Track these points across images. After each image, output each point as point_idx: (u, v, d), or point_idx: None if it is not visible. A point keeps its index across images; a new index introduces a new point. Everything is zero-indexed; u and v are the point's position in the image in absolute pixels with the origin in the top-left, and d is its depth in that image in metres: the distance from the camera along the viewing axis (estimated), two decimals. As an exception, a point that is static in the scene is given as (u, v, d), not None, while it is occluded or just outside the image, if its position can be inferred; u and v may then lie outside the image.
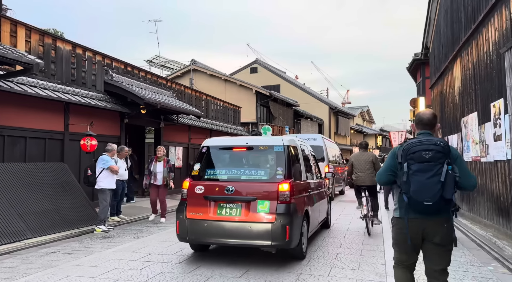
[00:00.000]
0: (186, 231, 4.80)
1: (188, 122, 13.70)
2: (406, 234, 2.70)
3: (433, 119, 2.86)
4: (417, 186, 2.58)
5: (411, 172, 2.63)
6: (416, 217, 2.68)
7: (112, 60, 10.35)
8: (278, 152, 4.94)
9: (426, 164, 2.59)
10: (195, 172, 5.14)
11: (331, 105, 36.47)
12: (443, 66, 11.43)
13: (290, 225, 4.47)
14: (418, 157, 2.62)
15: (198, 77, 24.13)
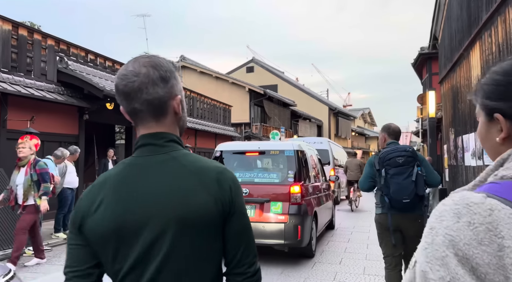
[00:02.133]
0: None
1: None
2: (389, 226, 3.13)
3: (400, 131, 3.47)
4: (396, 187, 3.06)
5: (389, 176, 3.10)
6: (395, 213, 3.13)
7: (69, 46, 8.86)
8: (288, 156, 5.12)
9: (400, 168, 3.09)
10: None
11: (331, 106, 34.95)
12: (456, 56, 9.92)
13: (301, 225, 4.76)
14: (393, 162, 3.11)
15: (188, 75, 22.65)
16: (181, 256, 0.88)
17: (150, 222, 0.87)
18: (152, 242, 0.87)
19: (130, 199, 0.89)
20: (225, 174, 0.95)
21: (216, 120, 17.19)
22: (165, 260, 0.87)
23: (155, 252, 0.87)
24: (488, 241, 0.53)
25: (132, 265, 0.87)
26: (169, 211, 0.87)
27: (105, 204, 0.89)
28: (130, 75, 0.91)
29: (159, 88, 0.92)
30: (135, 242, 0.87)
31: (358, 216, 9.96)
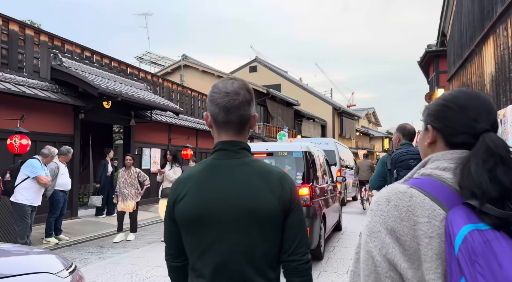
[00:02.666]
0: None
1: (167, 120, 11.83)
2: None
3: (415, 132, 3.43)
4: None
5: (400, 177, 2.86)
6: None
7: (63, 43, 8.53)
8: (297, 157, 5.10)
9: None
10: None
11: (335, 105, 34.49)
12: (467, 52, 9.49)
13: (310, 227, 4.74)
14: (405, 164, 3.11)
15: (190, 74, 22.32)
16: (248, 242, 1.09)
17: (225, 212, 1.10)
18: (226, 228, 1.10)
19: (210, 192, 1.11)
20: (286, 177, 1.16)
21: (218, 120, 16.86)
22: (235, 244, 1.09)
23: (227, 236, 1.10)
24: (407, 218, 0.78)
25: (209, 245, 1.10)
26: (241, 205, 1.09)
27: (189, 195, 1.13)
28: (232, 94, 1.14)
29: (249, 108, 1.17)
30: (212, 226, 1.10)
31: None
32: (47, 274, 2.09)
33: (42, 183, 5.59)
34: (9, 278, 1.88)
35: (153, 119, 10.94)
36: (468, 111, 0.85)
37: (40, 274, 2.06)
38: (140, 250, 6.25)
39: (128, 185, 6.93)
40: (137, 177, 7.10)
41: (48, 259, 2.37)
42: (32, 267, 2.15)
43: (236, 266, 1.09)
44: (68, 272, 2.25)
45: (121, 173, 7.06)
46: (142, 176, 7.24)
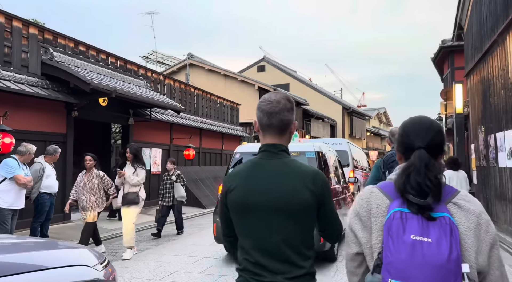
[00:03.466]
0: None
1: (168, 119, 11.34)
2: None
3: None
4: None
5: None
6: None
7: (55, 36, 8.08)
8: (310, 157, 5.11)
9: None
10: None
11: (345, 105, 33.74)
12: (487, 44, 8.78)
13: None
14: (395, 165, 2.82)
15: (196, 73, 21.87)
16: (284, 227, 1.33)
17: (266, 202, 1.35)
18: (266, 215, 1.35)
19: (254, 185, 1.39)
20: (318, 175, 1.40)
21: (223, 119, 16.32)
22: (274, 228, 1.34)
23: (268, 222, 1.35)
24: (366, 205, 1.23)
25: (253, 228, 1.37)
26: (279, 197, 1.34)
27: (238, 187, 1.41)
28: (274, 102, 1.42)
29: (289, 114, 1.43)
30: (256, 213, 1.37)
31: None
32: (85, 267, 2.14)
33: (20, 183, 5.11)
34: (50, 269, 1.92)
35: (153, 118, 10.46)
36: (410, 135, 1.26)
37: (79, 267, 2.11)
38: (129, 261, 5.73)
39: (88, 190, 5.74)
40: (101, 181, 5.88)
41: (84, 253, 2.40)
42: (70, 259, 2.18)
43: (275, 246, 1.32)
44: (102, 266, 2.30)
45: (81, 176, 5.92)
46: (106, 180, 5.95)
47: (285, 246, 1.32)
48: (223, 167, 15.58)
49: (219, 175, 14.66)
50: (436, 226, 1.07)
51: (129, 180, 5.61)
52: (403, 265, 1.05)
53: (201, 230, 8.16)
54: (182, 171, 12.56)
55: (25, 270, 1.84)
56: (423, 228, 1.07)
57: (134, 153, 5.81)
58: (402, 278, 1.04)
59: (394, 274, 1.05)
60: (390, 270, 1.07)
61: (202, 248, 6.26)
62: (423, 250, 1.04)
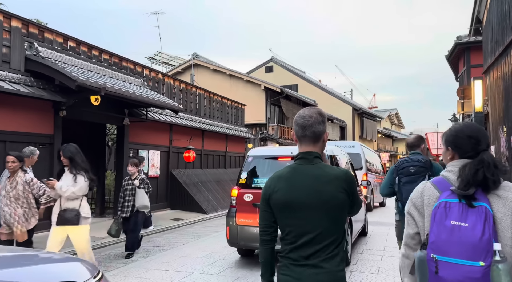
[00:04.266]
0: (237, 237, 5.20)
1: (167, 119, 10.79)
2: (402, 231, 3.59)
3: (416, 142, 3.75)
4: (406, 194, 3.20)
5: (402, 183, 3.52)
6: None
7: (41, 30, 7.58)
8: None
9: (412, 177, 3.47)
10: (242, 180, 5.44)
11: (355, 106, 32.89)
12: (510, 36, 8.02)
13: None
14: (406, 171, 3.53)
15: (201, 73, 21.36)
16: (323, 221, 1.61)
17: (306, 202, 1.62)
18: (307, 213, 1.62)
19: (295, 187, 1.64)
20: (348, 176, 1.66)
21: (226, 120, 15.73)
22: (315, 222, 1.61)
23: (311, 221, 1.61)
24: (420, 196, 1.52)
25: (295, 224, 1.63)
26: (316, 196, 1.61)
27: (281, 189, 1.66)
28: (307, 117, 1.71)
29: (321, 126, 1.71)
30: (297, 212, 1.63)
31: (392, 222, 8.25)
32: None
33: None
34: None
35: (150, 118, 9.91)
36: (472, 139, 1.53)
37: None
38: (109, 278, 5.15)
39: (12, 200, 4.50)
40: (28, 187, 4.59)
41: (73, 267, 2.26)
42: (56, 275, 2.04)
43: (320, 240, 1.61)
44: (95, 280, 2.17)
45: (3, 182, 4.70)
46: (36, 186, 4.63)
47: (322, 237, 1.60)
48: (227, 170, 14.98)
49: (222, 178, 14.06)
50: (474, 213, 1.37)
51: (61, 192, 4.12)
52: (443, 244, 1.36)
53: (197, 239, 7.54)
54: (183, 174, 12.03)
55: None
56: (462, 215, 1.38)
57: (69, 156, 4.22)
58: (442, 253, 1.36)
59: (436, 250, 1.37)
60: (433, 247, 1.38)
61: (194, 261, 5.64)
62: (460, 232, 1.35)
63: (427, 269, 1.39)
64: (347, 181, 1.64)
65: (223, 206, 12.44)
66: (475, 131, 1.54)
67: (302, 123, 1.70)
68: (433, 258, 1.36)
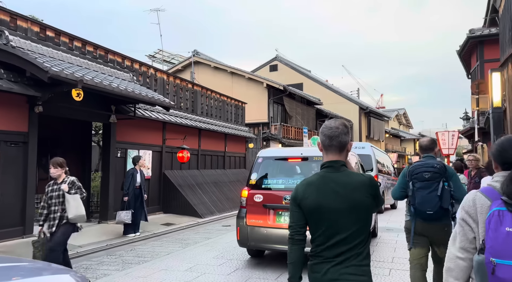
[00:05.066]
0: (247, 237, 5.18)
1: (159, 117, 10.10)
2: (412, 234, 3.49)
3: (430, 145, 3.66)
4: (420, 199, 3.36)
5: (415, 188, 3.42)
6: (421, 221, 3.43)
7: (13, 17, 6.93)
8: None
9: (426, 182, 3.38)
10: (252, 181, 5.41)
11: (361, 105, 32.01)
12: (533, 22, 7.20)
13: None
14: (420, 176, 3.42)
15: (201, 71, 20.71)
16: (355, 226, 1.75)
17: (336, 207, 1.75)
18: (337, 217, 1.75)
19: (324, 193, 1.78)
20: (372, 181, 1.83)
21: (226, 118, 15.02)
22: (346, 229, 1.74)
23: (341, 224, 1.75)
24: (473, 205, 1.62)
25: (326, 227, 1.77)
26: (345, 201, 1.75)
27: (311, 195, 1.79)
28: (334, 128, 1.84)
29: (346, 137, 1.84)
30: (328, 216, 1.76)
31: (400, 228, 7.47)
32: None
33: None
34: None
35: (139, 115, 9.23)
36: (509, 151, 1.71)
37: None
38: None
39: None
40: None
41: (63, 279, 2.16)
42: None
43: (349, 241, 1.74)
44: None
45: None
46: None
47: (352, 238, 1.75)
48: (226, 171, 14.27)
49: (221, 180, 13.35)
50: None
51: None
52: (500, 248, 1.50)
53: (184, 247, 6.83)
54: (177, 175, 11.35)
55: None
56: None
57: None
58: (500, 257, 1.49)
59: (494, 254, 1.51)
60: (491, 251, 1.52)
61: (174, 276, 4.92)
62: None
63: (486, 271, 1.55)
64: (372, 186, 1.81)
65: (221, 209, 11.72)
66: (507, 143, 1.75)
67: (329, 134, 1.84)
68: (492, 261, 1.52)
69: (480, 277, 1.57)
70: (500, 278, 1.48)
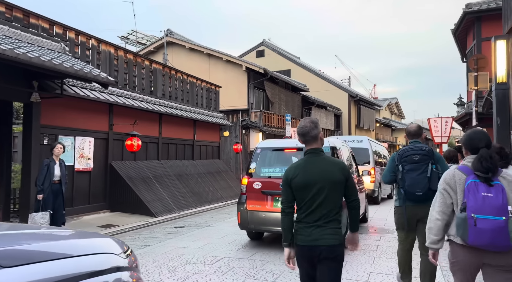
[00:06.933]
0: (247, 221, 5.77)
1: (102, 97, 8.47)
2: (404, 218, 3.67)
3: (418, 130, 3.85)
4: (410, 181, 3.55)
5: (405, 171, 3.61)
6: (411, 204, 3.61)
7: None
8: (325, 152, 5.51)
9: (415, 164, 3.58)
10: (251, 170, 5.97)
11: (351, 92, 30.53)
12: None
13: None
14: (409, 159, 3.62)
15: (176, 53, 18.98)
16: (329, 196, 2.36)
17: (317, 182, 2.36)
18: (319, 190, 2.36)
19: (309, 173, 2.39)
20: (344, 165, 2.46)
21: (195, 103, 13.41)
22: (323, 198, 2.35)
23: (319, 194, 2.36)
24: (452, 178, 2.39)
25: (308, 200, 2.38)
26: (325, 178, 2.36)
27: (299, 175, 2.39)
28: (303, 127, 2.46)
29: (315, 130, 2.45)
30: (312, 189, 2.37)
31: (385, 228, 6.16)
32: (111, 255, 2.15)
33: None
34: (79, 257, 1.92)
35: (70, 94, 7.60)
36: (474, 140, 2.41)
37: (106, 254, 2.12)
38: None
39: None
40: None
41: (108, 241, 2.31)
42: (96, 248, 2.15)
43: (324, 208, 2.36)
44: (126, 254, 2.27)
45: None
46: None
47: (327, 203, 2.37)
48: (195, 162, 12.73)
49: (188, 172, 11.82)
50: (494, 188, 2.20)
51: None
52: (479, 207, 2.16)
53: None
54: (128, 166, 9.76)
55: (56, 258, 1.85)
56: (487, 189, 2.20)
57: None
58: (479, 213, 2.16)
59: (474, 211, 2.17)
60: (472, 209, 2.18)
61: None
62: (489, 199, 2.17)
63: (467, 224, 2.19)
64: (343, 168, 2.44)
65: (182, 205, 10.21)
66: (476, 134, 2.47)
67: (302, 132, 2.48)
68: (473, 216, 2.17)
69: (462, 229, 2.24)
70: (479, 228, 2.16)
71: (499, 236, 2.10)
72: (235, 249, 5.85)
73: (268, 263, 4.99)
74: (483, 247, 2.18)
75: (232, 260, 5.20)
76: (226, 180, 13.84)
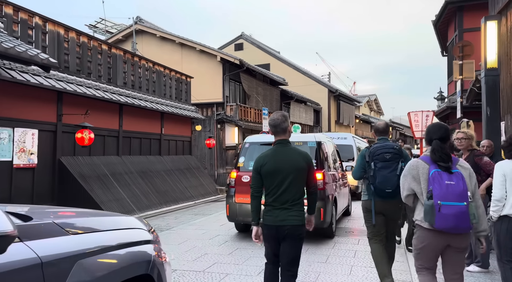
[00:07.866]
0: (235, 213, 6.09)
1: (46, 83, 7.39)
2: (372, 212, 3.79)
3: (387, 128, 4.07)
4: (381, 178, 3.67)
5: (377, 168, 3.72)
6: (379, 200, 3.76)
7: None
8: (311, 147, 6.15)
9: (387, 162, 3.73)
10: (240, 164, 6.30)
11: (331, 88, 30.02)
12: None
13: (324, 207, 5.71)
14: (381, 157, 3.75)
15: (146, 41, 17.83)
16: (294, 182, 2.79)
17: (285, 169, 2.80)
18: (284, 177, 2.79)
19: (277, 161, 2.82)
20: (307, 155, 2.91)
21: (163, 94, 12.39)
22: (288, 183, 2.78)
23: (285, 180, 2.78)
24: (415, 168, 2.71)
25: (276, 185, 2.80)
26: (291, 166, 2.80)
27: (268, 163, 2.81)
28: (275, 119, 2.90)
29: (284, 123, 2.89)
30: (279, 175, 2.80)
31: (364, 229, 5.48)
32: (142, 230, 2.40)
33: None
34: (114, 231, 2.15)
35: (2, 77, 6.52)
36: (430, 133, 2.78)
37: (138, 230, 2.37)
38: None
39: None
40: None
41: (135, 220, 2.53)
42: (132, 224, 2.39)
43: (289, 192, 2.75)
44: (150, 231, 2.48)
45: None
46: None
47: (292, 188, 2.76)
48: (162, 158, 11.74)
49: (153, 168, 10.82)
50: (455, 176, 2.52)
51: None
52: (444, 194, 2.45)
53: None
54: (80, 163, 8.70)
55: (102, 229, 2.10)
56: (450, 177, 2.50)
57: None
58: (444, 200, 2.44)
59: (440, 198, 2.44)
60: (438, 197, 2.45)
61: None
62: (452, 187, 2.47)
63: (435, 210, 2.45)
64: (307, 157, 2.86)
65: (145, 206, 9.25)
66: (433, 127, 2.80)
67: (273, 123, 2.88)
68: (439, 203, 2.44)
69: (430, 215, 2.47)
70: (444, 213, 2.42)
71: (461, 220, 2.44)
72: (191, 259, 4.98)
73: (227, 277, 4.15)
74: (447, 230, 2.50)
75: (185, 272, 4.34)
76: (197, 177, 12.91)
